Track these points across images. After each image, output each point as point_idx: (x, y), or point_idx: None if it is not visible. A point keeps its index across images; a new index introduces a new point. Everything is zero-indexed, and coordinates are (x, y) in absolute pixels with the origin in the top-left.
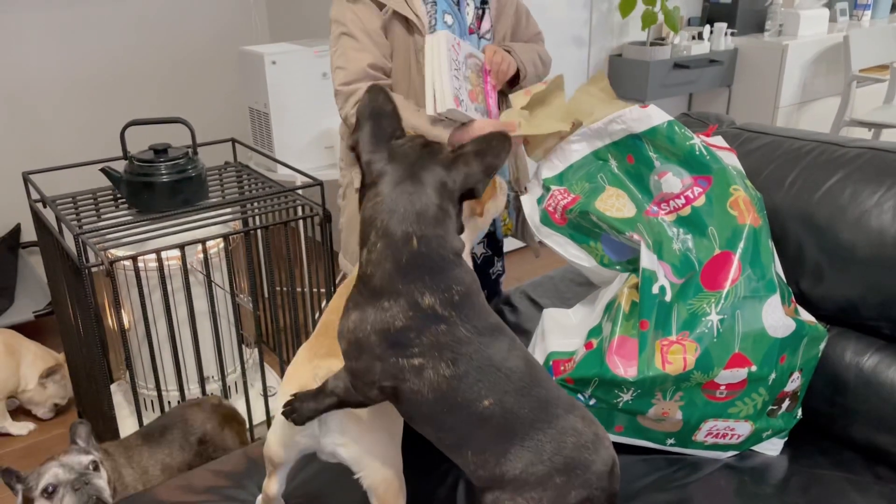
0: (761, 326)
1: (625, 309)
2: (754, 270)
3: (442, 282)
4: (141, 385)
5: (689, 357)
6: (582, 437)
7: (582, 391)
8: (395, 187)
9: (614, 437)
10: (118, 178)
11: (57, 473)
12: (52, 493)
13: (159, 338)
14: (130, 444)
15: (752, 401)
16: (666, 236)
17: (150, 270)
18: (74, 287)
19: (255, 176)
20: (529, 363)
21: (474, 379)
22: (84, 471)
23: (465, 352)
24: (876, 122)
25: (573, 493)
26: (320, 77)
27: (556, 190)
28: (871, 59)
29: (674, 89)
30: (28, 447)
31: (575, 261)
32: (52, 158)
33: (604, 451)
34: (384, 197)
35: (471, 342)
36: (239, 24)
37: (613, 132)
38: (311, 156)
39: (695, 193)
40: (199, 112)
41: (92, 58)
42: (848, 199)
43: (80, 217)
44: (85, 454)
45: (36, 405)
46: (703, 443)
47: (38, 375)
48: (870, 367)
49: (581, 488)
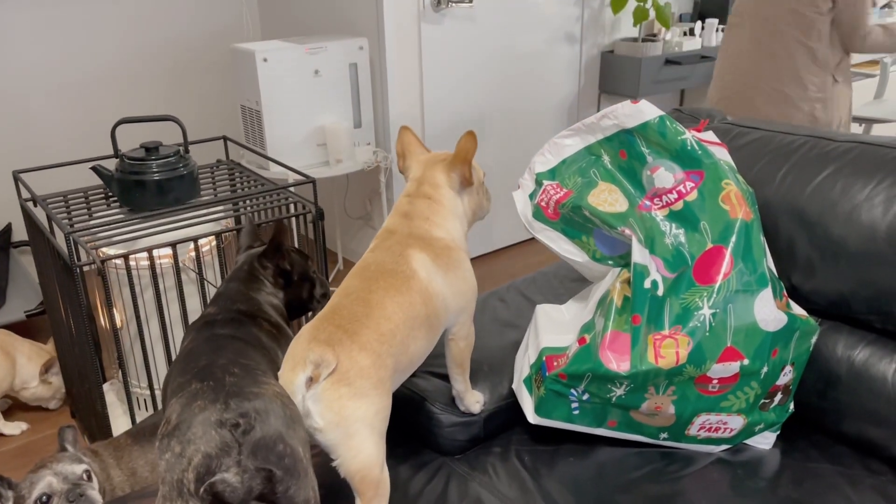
0: (753, 320)
1: (617, 304)
2: (746, 264)
3: None
4: (133, 384)
5: (681, 351)
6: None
7: (575, 386)
8: None
9: (608, 432)
10: (109, 177)
11: (51, 483)
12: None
13: (151, 336)
14: (120, 444)
15: (744, 394)
16: (658, 231)
17: (141, 269)
18: (66, 286)
19: (247, 174)
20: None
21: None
22: (78, 481)
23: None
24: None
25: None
26: (312, 74)
27: (549, 185)
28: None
29: (665, 85)
30: (21, 447)
31: (567, 256)
32: (43, 157)
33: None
34: None
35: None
36: (230, 22)
37: (606, 127)
38: (303, 153)
39: (687, 188)
40: (191, 110)
41: (82, 55)
42: (839, 194)
43: (72, 216)
44: (78, 462)
45: (46, 400)
46: (695, 437)
47: (39, 373)
48: (861, 361)
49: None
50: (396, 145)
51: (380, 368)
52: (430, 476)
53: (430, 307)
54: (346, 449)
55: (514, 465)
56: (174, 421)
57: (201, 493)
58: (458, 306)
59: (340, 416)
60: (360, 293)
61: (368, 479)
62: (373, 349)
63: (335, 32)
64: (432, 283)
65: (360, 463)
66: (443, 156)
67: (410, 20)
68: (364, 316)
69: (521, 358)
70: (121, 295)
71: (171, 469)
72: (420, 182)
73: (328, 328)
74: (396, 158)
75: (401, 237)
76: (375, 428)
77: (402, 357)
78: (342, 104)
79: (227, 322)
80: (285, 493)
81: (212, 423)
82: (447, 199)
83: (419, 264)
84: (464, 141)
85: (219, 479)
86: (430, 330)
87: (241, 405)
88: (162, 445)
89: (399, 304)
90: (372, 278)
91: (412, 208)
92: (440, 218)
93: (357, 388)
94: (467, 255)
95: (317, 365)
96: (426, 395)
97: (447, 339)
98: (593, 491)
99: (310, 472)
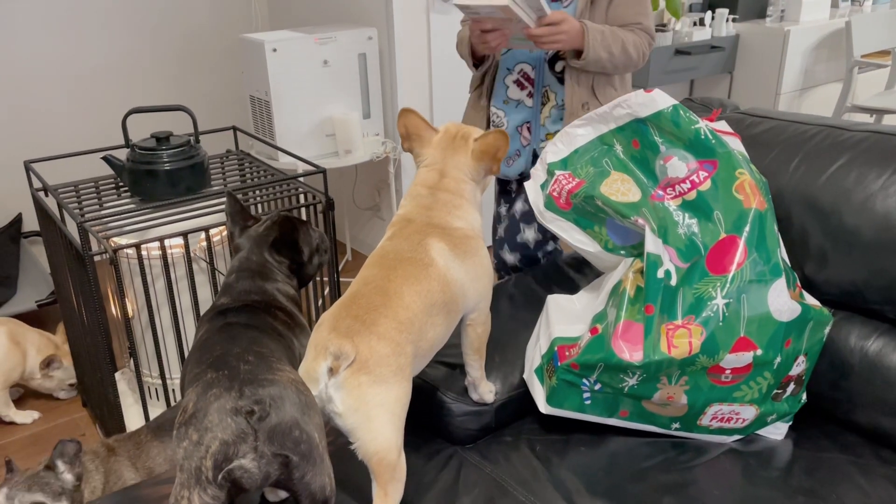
0: (767, 310)
1: (630, 293)
2: (760, 254)
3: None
4: (145, 373)
5: (694, 341)
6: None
7: (587, 376)
8: None
9: (619, 422)
10: (120, 167)
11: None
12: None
13: (163, 326)
14: (140, 441)
15: (757, 385)
16: (671, 221)
17: (153, 258)
18: (78, 275)
19: (256, 164)
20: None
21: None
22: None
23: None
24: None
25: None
26: (321, 64)
27: (561, 174)
28: (873, 45)
29: (675, 76)
30: (33, 436)
31: (579, 246)
32: (54, 147)
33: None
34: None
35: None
36: (239, 12)
37: (618, 117)
38: (312, 143)
39: (700, 178)
40: (201, 100)
41: (93, 46)
42: (852, 183)
43: (83, 205)
44: (35, 491)
45: (52, 391)
46: (708, 427)
47: (39, 367)
48: (874, 351)
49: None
50: (399, 127)
51: (399, 356)
52: (442, 464)
53: (447, 294)
54: (364, 432)
55: (525, 454)
56: (190, 410)
57: (219, 479)
58: (476, 292)
59: (360, 402)
60: (379, 282)
61: (386, 462)
62: (391, 338)
63: (344, 22)
64: (450, 270)
65: (378, 446)
66: (458, 137)
67: (419, 10)
68: (382, 305)
69: (533, 348)
70: (132, 284)
71: (189, 457)
72: (442, 174)
73: (347, 319)
74: (401, 140)
75: (419, 226)
76: (395, 413)
77: (421, 343)
78: (351, 94)
79: (240, 311)
80: (302, 479)
81: (227, 410)
82: (469, 191)
83: (437, 253)
84: (493, 138)
85: (236, 465)
86: (448, 316)
87: (256, 392)
88: (179, 434)
89: (417, 292)
90: (390, 267)
91: (434, 201)
92: (462, 211)
93: (377, 375)
94: (484, 242)
95: (336, 356)
96: (438, 385)
97: (464, 325)
98: (605, 480)
99: (326, 458)
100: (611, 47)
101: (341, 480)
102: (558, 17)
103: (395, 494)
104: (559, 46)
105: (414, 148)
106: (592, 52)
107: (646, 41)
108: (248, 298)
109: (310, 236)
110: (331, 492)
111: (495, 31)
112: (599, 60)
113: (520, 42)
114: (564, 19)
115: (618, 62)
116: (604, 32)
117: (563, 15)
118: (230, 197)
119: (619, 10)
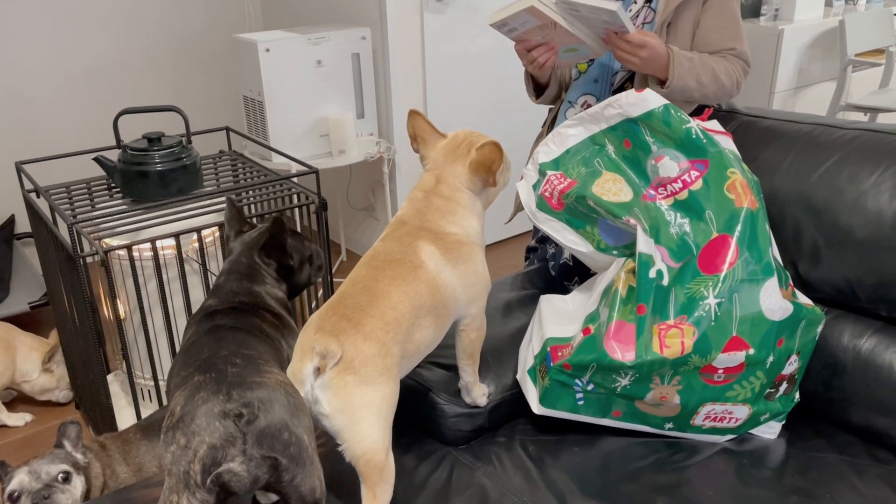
0: (759, 310)
1: (622, 294)
2: (752, 253)
3: None
4: (137, 375)
5: (686, 341)
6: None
7: (580, 377)
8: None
9: (613, 422)
10: (112, 168)
11: (23, 480)
12: (16, 501)
13: (155, 327)
14: (129, 438)
15: (749, 384)
16: (663, 220)
17: (145, 259)
18: (69, 277)
19: (249, 164)
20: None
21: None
22: (52, 482)
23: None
24: (872, 106)
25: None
26: (315, 64)
27: (553, 175)
28: (867, 44)
29: None
30: (25, 438)
31: (572, 246)
32: (45, 148)
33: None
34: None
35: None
36: (232, 12)
37: (610, 117)
38: (306, 144)
39: (692, 177)
40: (193, 100)
41: (85, 46)
42: (845, 181)
43: (74, 207)
44: (59, 462)
45: (51, 391)
46: (701, 427)
47: (41, 363)
48: (867, 350)
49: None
50: (407, 128)
51: (385, 356)
52: (434, 466)
53: (437, 297)
54: (351, 433)
55: (518, 455)
56: (178, 413)
57: (208, 483)
58: (468, 297)
59: (346, 403)
60: (366, 282)
61: (373, 464)
62: (377, 338)
63: (337, 22)
64: (441, 274)
65: (364, 447)
66: (462, 146)
67: (413, 10)
68: (368, 305)
69: (526, 348)
70: (124, 286)
71: (177, 461)
72: (438, 180)
73: (333, 318)
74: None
75: (412, 228)
76: (381, 413)
77: (408, 344)
78: (345, 95)
79: (227, 313)
80: (291, 482)
81: (215, 414)
82: (465, 199)
83: (427, 255)
84: (488, 150)
85: (225, 469)
86: (437, 319)
87: (244, 395)
88: (167, 438)
89: (405, 293)
90: (379, 267)
91: (427, 205)
92: (456, 217)
93: (363, 375)
94: (482, 249)
95: (322, 355)
96: (431, 386)
97: (458, 329)
98: (598, 480)
99: (315, 460)
100: (700, 76)
101: (332, 483)
102: (639, 39)
103: (384, 496)
104: (633, 65)
105: (420, 150)
106: (679, 81)
107: (740, 68)
108: (235, 300)
109: (302, 245)
110: (321, 494)
111: (540, 46)
112: (687, 89)
113: (572, 54)
114: (646, 44)
115: (708, 91)
116: (692, 59)
117: (648, 40)
118: (229, 202)
119: (710, 34)
